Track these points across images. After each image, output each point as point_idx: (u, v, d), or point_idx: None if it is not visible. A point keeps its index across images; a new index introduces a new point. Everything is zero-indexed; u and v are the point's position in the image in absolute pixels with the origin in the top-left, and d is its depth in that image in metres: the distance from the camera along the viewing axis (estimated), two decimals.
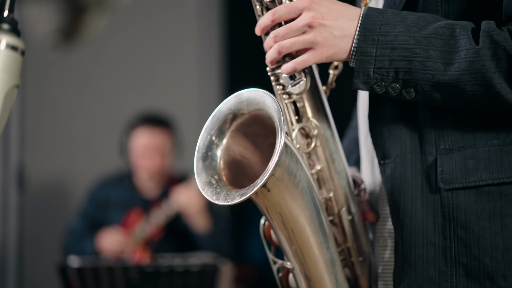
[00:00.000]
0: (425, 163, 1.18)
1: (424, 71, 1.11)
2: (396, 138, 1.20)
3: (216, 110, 1.22)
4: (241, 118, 1.21)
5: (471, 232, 1.15)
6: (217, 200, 1.15)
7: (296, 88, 1.21)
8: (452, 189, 1.15)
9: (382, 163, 1.22)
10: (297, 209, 1.18)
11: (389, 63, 1.12)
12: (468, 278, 1.16)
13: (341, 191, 1.28)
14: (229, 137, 1.21)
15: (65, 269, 2.69)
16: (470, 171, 1.15)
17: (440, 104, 1.15)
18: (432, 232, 1.17)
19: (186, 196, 3.21)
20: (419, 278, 1.18)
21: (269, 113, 1.16)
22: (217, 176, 1.19)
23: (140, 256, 3.26)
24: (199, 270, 2.66)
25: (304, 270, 1.23)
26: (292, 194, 1.16)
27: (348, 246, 1.30)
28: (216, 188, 1.17)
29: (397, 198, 1.19)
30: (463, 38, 1.10)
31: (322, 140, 1.26)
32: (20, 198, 4.09)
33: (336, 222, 1.29)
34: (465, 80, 1.10)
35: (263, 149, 1.23)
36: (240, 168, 1.23)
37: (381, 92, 1.15)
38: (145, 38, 4.27)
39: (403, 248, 1.19)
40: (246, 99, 1.19)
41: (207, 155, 1.21)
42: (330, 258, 1.23)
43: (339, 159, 1.28)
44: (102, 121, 4.23)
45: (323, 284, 1.23)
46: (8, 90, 0.96)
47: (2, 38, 0.96)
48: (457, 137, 1.17)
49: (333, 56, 1.15)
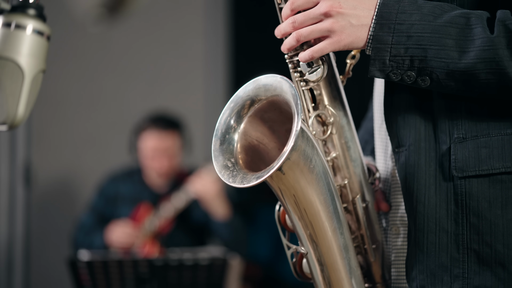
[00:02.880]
0: (439, 152, 1.19)
1: (439, 59, 1.12)
2: (411, 127, 1.21)
3: (234, 96, 1.24)
4: (258, 103, 1.23)
5: (484, 219, 1.16)
6: (234, 183, 1.17)
7: (313, 75, 1.22)
8: (465, 177, 1.17)
9: (397, 151, 1.23)
10: (312, 193, 1.19)
11: (405, 51, 1.13)
12: (479, 265, 1.17)
13: (355, 179, 1.30)
14: (247, 122, 1.23)
15: (75, 262, 2.70)
16: (483, 159, 1.16)
17: (454, 92, 1.17)
18: (444, 219, 1.18)
19: (201, 183, 3.26)
20: (431, 264, 1.20)
21: (286, 98, 1.17)
22: (233, 159, 1.21)
23: (149, 249, 3.28)
24: (208, 264, 2.67)
25: (318, 255, 1.24)
26: (308, 179, 1.18)
27: (362, 234, 1.31)
28: (232, 171, 1.19)
29: (410, 185, 1.20)
30: (478, 27, 1.12)
31: (338, 127, 1.27)
32: (26, 194, 4.10)
33: (350, 209, 1.30)
34: (479, 68, 1.11)
35: (280, 135, 1.25)
36: (257, 153, 1.24)
37: (397, 80, 1.17)
38: (152, 35, 4.29)
39: (416, 234, 1.21)
40: (264, 85, 1.21)
41: (225, 138, 1.22)
42: (343, 244, 1.24)
43: (354, 147, 1.29)
44: (109, 118, 4.24)
45: (337, 270, 1.25)
46: (35, 75, 0.98)
47: (29, 23, 0.97)
48: (470, 126, 1.18)
49: (350, 44, 1.17)
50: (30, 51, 0.97)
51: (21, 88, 0.97)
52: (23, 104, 0.97)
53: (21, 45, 0.97)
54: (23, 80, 0.97)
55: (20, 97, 0.97)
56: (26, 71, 0.97)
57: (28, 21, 0.97)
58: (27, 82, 0.97)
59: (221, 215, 3.29)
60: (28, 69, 0.97)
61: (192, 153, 3.59)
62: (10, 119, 0.97)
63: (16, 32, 0.97)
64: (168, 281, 2.67)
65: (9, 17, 0.97)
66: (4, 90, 0.96)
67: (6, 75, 0.96)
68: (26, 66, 0.97)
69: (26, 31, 0.97)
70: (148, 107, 3.72)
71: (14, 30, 0.97)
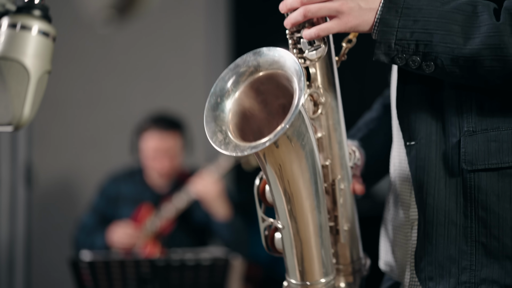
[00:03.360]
0: (448, 145, 1.21)
1: (444, 44, 1.13)
2: (422, 120, 1.23)
3: (240, 59, 1.24)
4: (258, 74, 1.23)
5: (492, 213, 1.18)
6: (226, 151, 1.17)
7: (313, 54, 1.23)
8: (475, 171, 1.18)
9: (408, 144, 1.24)
10: (299, 170, 1.21)
11: (411, 35, 1.15)
12: (487, 257, 1.19)
13: (338, 161, 1.32)
14: (242, 90, 1.24)
15: (77, 263, 2.70)
16: (492, 153, 1.18)
17: (458, 80, 1.18)
18: (454, 211, 1.20)
19: (202, 184, 3.27)
20: (439, 256, 1.21)
21: (287, 74, 1.18)
22: (225, 127, 1.21)
23: (150, 250, 3.28)
24: (210, 264, 2.67)
25: (295, 230, 1.26)
26: (297, 155, 1.19)
27: (336, 215, 1.33)
28: (224, 139, 1.19)
29: (421, 178, 1.22)
30: (484, 14, 1.13)
31: (328, 108, 1.29)
32: (28, 195, 4.10)
33: (328, 190, 1.32)
34: (484, 55, 1.12)
35: (271, 108, 1.26)
36: (247, 122, 1.25)
37: (402, 65, 1.18)
38: (152, 35, 4.29)
39: (425, 226, 1.22)
40: (271, 57, 1.21)
41: (218, 105, 1.23)
42: (320, 223, 1.26)
43: (340, 130, 1.31)
44: (110, 118, 4.24)
45: (310, 247, 1.27)
46: (40, 75, 0.98)
47: (34, 24, 0.98)
48: (480, 120, 1.19)
49: (357, 27, 1.18)
50: (35, 52, 0.97)
51: (27, 89, 0.97)
52: (28, 105, 0.97)
53: (27, 46, 0.97)
54: (28, 81, 0.97)
55: (25, 98, 0.97)
56: (32, 72, 0.97)
57: (33, 22, 0.98)
58: (32, 83, 0.97)
59: (222, 215, 3.29)
60: (34, 70, 0.97)
61: (193, 154, 3.59)
62: (16, 120, 0.97)
63: (21, 33, 0.97)
64: (170, 281, 2.67)
65: (14, 18, 0.97)
66: (9, 91, 0.96)
67: (12, 76, 0.96)
68: (31, 67, 0.97)
69: (32, 32, 0.97)
70: (149, 107, 3.72)
71: (19, 31, 0.97)
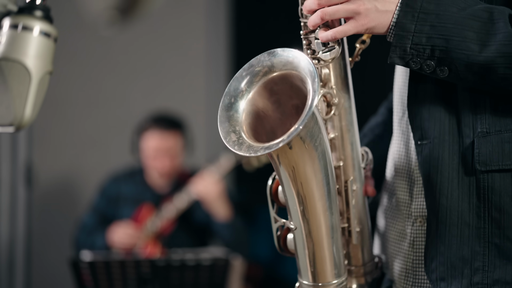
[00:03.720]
0: (462, 145, 1.21)
1: (460, 50, 1.14)
2: (435, 120, 1.23)
3: (254, 59, 1.25)
4: (272, 74, 1.23)
5: (505, 214, 1.18)
6: (240, 151, 1.17)
7: (327, 55, 1.23)
8: (488, 171, 1.18)
9: (420, 143, 1.24)
10: (312, 171, 1.21)
11: (427, 40, 1.15)
12: (500, 259, 1.19)
13: (350, 162, 1.32)
14: (256, 91, 1.24)
15: (77, 263, 2.70)
16: (506, 154, 1.18)
17: (470, 84, 1.18)
18: (467, 212, 1.20)
19: (203, 184, 3.27)
20: (452, 256, 1.21)
21: (301, 74, 1.18)
22: (238, 127, 1.21)
23: (151, 250, 3.29)
24: (211, 264, 2.67)
25: (307, 231, 1.25)
26: (310, 156, 1.19)
27: (348, 216, 1.33)
28: (238, 139, 1.19)
29: (433, 178, 1.22)
30: (500, 22, 1.13)
31: (341, 109, 1.29)
32: (28, 195, 4.10)
33: (340, 191, 1.32)
34: (498, 62, 1.13)
35: (285, 109, 1.26)
36: (260, 123, 1.25)
37: (416, 68, 1.18)
38: (153, 35, 4.29)
39: (438, 227, 1.22)
40: (285, 58, 1.21)
41: (232, 105, 1.23)
42: (332, 224, 1.26)
43: (353, 130, 1.31)
44: (110, 118, 4.25)
45: (322, 248, 1.26)
46: (42, 76, 0.98)
47: (36, 25, 0.98)
48: (494, 121, 1.20)
49: (373, 29, 1.19)
50: (37, 52, 0.98)
51: (28, 89, 0.97)
52: (30, 106, 0.98)
53: (28, 46, 0.97)
54: (30, 81, 0.97)
55: (27, 99, 0.97)
56: (33, 73, 0.97)
57: (35, 23, 0.98)
58: (34, 84, 0.97)
59: (222, 216, 3.29)
60: (35, 70, 0.97)
61: (194, 154, 3.60)
62: (17, 121, 0.97)
63: (23, 33, 0.97)
64: (170, 281, 2.67)
65: (16, 19, 0.98)
66: (11, 92, 0.96)
67: (13, 76, 0.96)
68: (33, 67, 0.97)
69: (33, 33, 0.98)
70: (150, 107, 3.72)
71: (21, 32, 0.97)
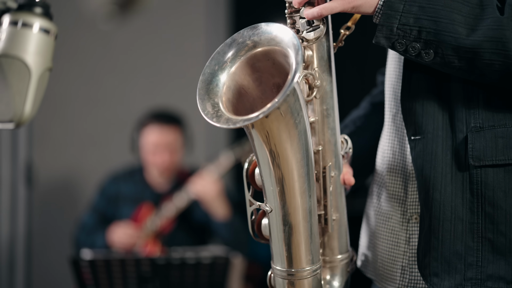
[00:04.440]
0: (455, 140, 1.21)
1: (447, 33, 1.13)
2: (428, 115, 1.22)
3: (237, 34, 1.22)
4: (255, 49, 1.20)
5: (499, 209, 1.18)
6: (218, 123, 1.14)
7: (311, 34, 1.22)
8: (481, 166, 1.18)
9: (413, 139, 1.24)
10: (291, 149, 1.17)
11: (414, 21, 1.14)
12: (494, 254, 1.18)
13: (329, 147, 1.29)
14: (238, 65, 1.21)
15: (78, 261, 2.70)
16: (500, 149, 1.18)
17: (455, 71, 1.17)
18: (460, 207, 1.20)
19: (202, 184, 3.27)
20: (445, 251, 1.21)
21: (284, 49, 1.16)
22: (218, 99, 1.18)
23: (151, 248, 3.29)
24: (211, 262, 2.67)
25: (283, 213, 1.22)
26: (290, 133, 1.16)
27: (325, 203, 1.30)
28: (217, 112, 1.16)
29: (427, 173, 1.21)
30: (489, 7, 1.13)
31: (323, 93, 1.27)
32: (28, 194, 4.10)
33: (318, 177, 1.29)
34: (485, 47, 1.12)
35: (266, 87, 1.23)
36: (240, 98, 1.22)
37: (401, 50, 1.17)
38: (153, 34, 4.29)
39: (431, 222, 1.22)
40: (269, 32, 1.19)
41: (212, 78, 1.20)
42: (309, 208, 1.23)
43: (333, 116, 1.29)
44: (110, 117, 4.25)
45: (298, 232, 1.23)
46: (41, 73, 0.98)
47: (35, 22, 0.98)
48: (487, 116, 1.19)
49: (359, 7, 1.18)
50: (36, 49, 0.98)
51: (28, 86, 0.97)
52: (30, 102, 0.98)
53: (28, 43, 0.97)
54: (29, 78, 0.97)
55: (27, 95, 0.97)
56: (33, 69, 0.97)
57: (34, 20, 0.98)
58: (33, 80, 0.97)
59: (221, 215, 3.30)
60: (35, 67, 0.97)
61: (193, 153, 3.60)
62: (17, 117, 0.97)
63: (22, 30, 0.97)
64: (170, 280, 2.67)
65: (16, 16, 0.98)
66: (11, 88, 0.97)
67: (13, 73, 0.97)
68: (32, 64, 0.97)
69: (33, 30, 0.98)
70: (149, 106, 3.72)
71: (20, 29, 0.97)
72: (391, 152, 1.36)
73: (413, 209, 1.31)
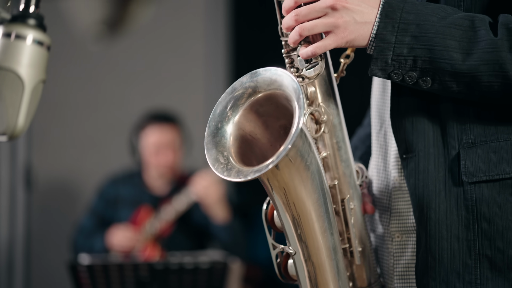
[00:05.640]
0: (447, 157, 1.19)
1: (442, 60, 1.12)
2: (419, 132, 1.20)
3: (237, 82, 1.21)
4: (256, 96, 1.20)
5: (495, 224, 1.16)
6: (229, 177, 1.14)
7: (311, 72, 1.20)
8: (475, 182, 1.16)
9: (405, 157, 1.22)
10: (305, 192, 1.17)
11: (408, 51, 1.13)
12: (492, 271, 1.16)
13: (345, 180, 1.28)
14: (242, 114, 1.20)
15: (75, 266, 2.70)
16: (493, 164, 1.16)
17: (455, 95, 1.16)
18: (455, 225, 1.18)
19: (204, 185, 3.25)
20: (443, 270, 1.19)
21: (286, 93, 1.15)
22: (226, 152, 1.18)
23: (150, 252, 3.28)
24: (209, 267, 2.66)
25: (307, 255, 1.21)
26: (302, 177, 1.15)
27: (349, 236, 1.29)
28: (226, 165, 1.16)
29: (420, 192, 1.19)
30: (481, 29, 1.12)
31: (331, 126, 1.25)
32: (27, 196, 4.10)
33: (338, 211, 1.28)
34: (482, 70, 1.11)
35: (273, 130, 1.23)
36: (248, 147, 1.21)
37: (398, 80, 1.16)
38: (152, 37, 4.28)
39: (427, 241, 1.20)
40: (266, 77, 1.18)
41: (218, 130, 1.20)
42: (333, 245, 1.22)
43: (345, 147, 1.27)
44: (109, 120, 4.24)
45: (324, 271, 1.22)
46: (35, 85, 0.98)
47: (29, 33, 0.97)
48: (479, 131, 1.18)
49: (353, 41, 1.16)
50: (30, 61, 0.97)
51: (21, 98, 0.97)
52: (23, 115, 0.97)
53: (21, 55, 0.96)
54: (23, 90, 0.96)
55: (20, 108, 0.97)
56: (26, 82, 0.96)
57: (28, 31, 0.97)
58: (27, 93, 0.97)
59: (220, 218, 3.29)
60: (28, 79, 0.97)
61: (192, 155, 3.59)
62: (10, 130, 0.96)
63: (16, 42, 0.96)
64: (168, 284, 2.67)
65: (9, 27, 0.97)
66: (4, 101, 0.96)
67: (6, 85, 0.96)
68: (26, 76, 0.96)
69: (26, 41, 0.97)
70: (149, 108, 3.72)
71: (14, 40, 0.97)
72: (376, 170, 1.35)
73: (395, 228, 1.30)
